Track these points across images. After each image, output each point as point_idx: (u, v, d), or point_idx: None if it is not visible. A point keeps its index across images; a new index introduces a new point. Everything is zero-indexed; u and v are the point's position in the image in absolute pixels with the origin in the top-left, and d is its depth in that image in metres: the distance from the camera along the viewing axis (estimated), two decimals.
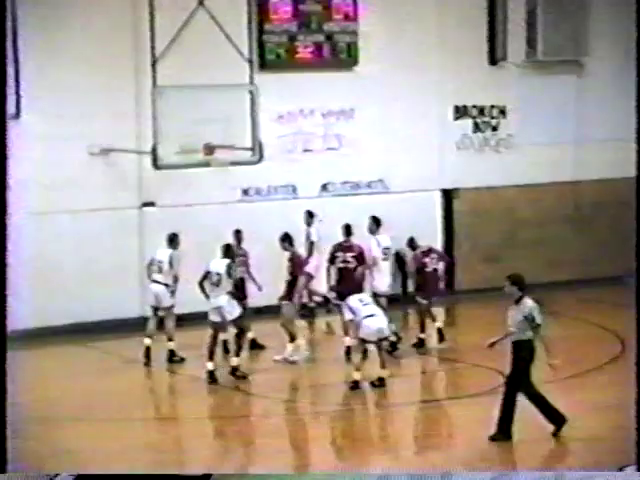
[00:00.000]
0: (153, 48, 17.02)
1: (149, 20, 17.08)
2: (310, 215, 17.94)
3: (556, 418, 12.06)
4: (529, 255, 20.94)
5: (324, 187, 20.07)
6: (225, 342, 16.09)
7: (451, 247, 20.77)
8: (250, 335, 16.35)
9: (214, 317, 15.09)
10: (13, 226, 17.50)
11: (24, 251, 17.40)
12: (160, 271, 15.99)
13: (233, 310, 15.06)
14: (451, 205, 21.03)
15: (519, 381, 12.04)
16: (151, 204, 18.73)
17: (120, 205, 18.43)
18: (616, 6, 20.49)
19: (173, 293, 16.03)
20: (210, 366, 14.80)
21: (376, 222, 16.82)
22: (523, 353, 12.03)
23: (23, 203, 17.61)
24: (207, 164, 17.15)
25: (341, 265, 16.21)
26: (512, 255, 20.53)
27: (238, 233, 16.96)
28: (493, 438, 11.96)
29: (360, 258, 16.27)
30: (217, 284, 15.06)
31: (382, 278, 16.63)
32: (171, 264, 15.95)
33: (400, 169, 20.40)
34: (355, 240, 16.56)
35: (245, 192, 19.47)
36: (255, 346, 16.60)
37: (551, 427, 12.02)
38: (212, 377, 14.78)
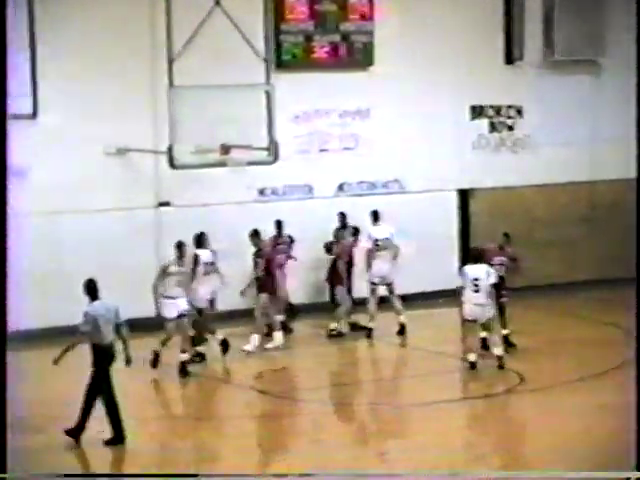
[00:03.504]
0: (170, 48, 17.04)
1: (166, 20, 17.10)
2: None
3: (117, 433, 12.13)
4: (545, 255, 20.91)
5: (340, 187, 20.07)
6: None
7: (467, 247, 20.71)
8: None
9: None
10: (30, 226, 17.72)
11: (41, 251, 17.51)
12: None
13: None
14: (467, 205, 21.00)
15: (100, 386, 12.22)
16: (167, 204, 18.77)
17: (136, 205, 18.47)
18: (633, 6, 20.41)
19: None
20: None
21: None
22: (101, 357, 12.23)
23: (40, 203, 17.72)
24: (223, 164, 17.17)
25: None
26: (528, 255, 20.45)
27: (255, 233, 17.09)
28: (107, 443, 12.07)
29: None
30: None
31: (376, 267, 17.36)
32: None
33: (416, 169, 20.38)
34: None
35: (261, 192, 19.49)
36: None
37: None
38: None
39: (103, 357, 12.23)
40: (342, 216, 18.90)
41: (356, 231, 17.83)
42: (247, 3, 18.23)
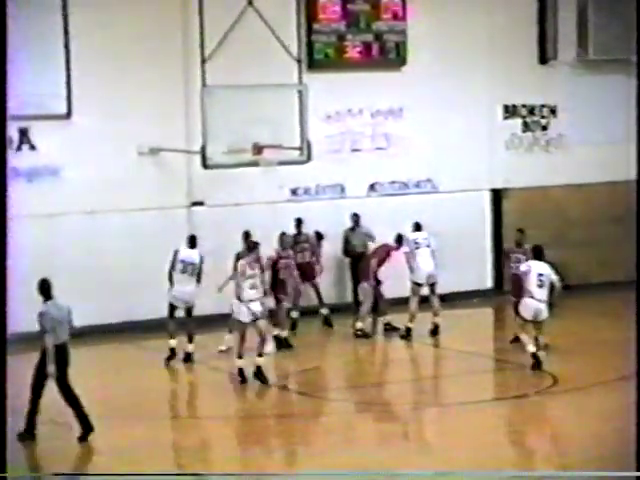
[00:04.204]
0: (202, 48, 17.10)
1: (198, 20, 17.16)
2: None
3: (86, 425, 12.21)
4: (579, 255, 20.80)
5: (372, 187, 20.06)
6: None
7: (500, 247, 20.63)
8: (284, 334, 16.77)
9: None
10: (65, 225, 17.80)
11: (74, 250, 17.61)
12: None
13: None
14: (500, 205, 20.93)
15: (42, 383, 12.22)
16: (200, 203, 18.83)
17: (169, 204, 18.54)
18: None
19: None
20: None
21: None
22: (61, 356, 12.21)
23: (73, 203, 17.82)
24: (256, 163, 17.22)
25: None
26: (562, 255, 20.38)
27: (283, 235, 17.13)
28: (20, 437, 12.11)
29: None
30: None
31: (421, 267, 17.25)
32: None
33: (449, 169, 20.34)
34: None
35: (293, 192, 19.51)
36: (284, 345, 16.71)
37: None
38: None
39: (58, 357, 12.16)
40: (355, 217, 18.94)
41: (400, 237, 17.54)
42: (279, 3, 18.27)
